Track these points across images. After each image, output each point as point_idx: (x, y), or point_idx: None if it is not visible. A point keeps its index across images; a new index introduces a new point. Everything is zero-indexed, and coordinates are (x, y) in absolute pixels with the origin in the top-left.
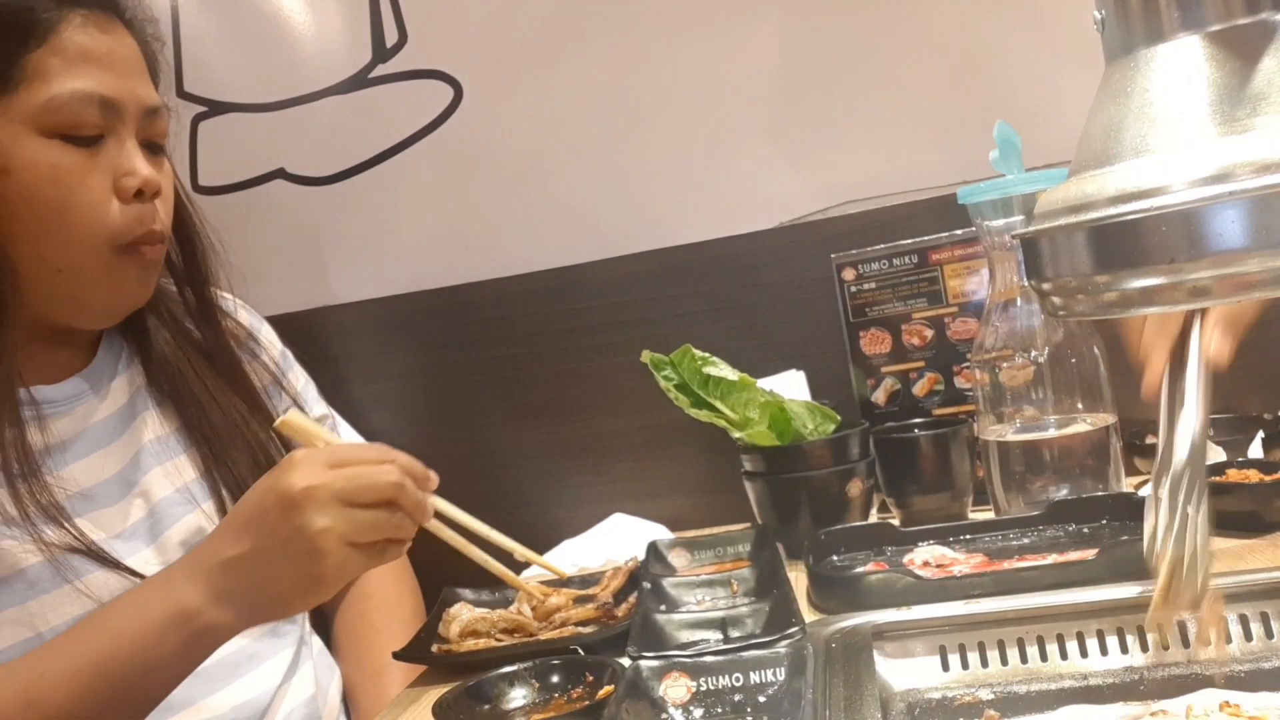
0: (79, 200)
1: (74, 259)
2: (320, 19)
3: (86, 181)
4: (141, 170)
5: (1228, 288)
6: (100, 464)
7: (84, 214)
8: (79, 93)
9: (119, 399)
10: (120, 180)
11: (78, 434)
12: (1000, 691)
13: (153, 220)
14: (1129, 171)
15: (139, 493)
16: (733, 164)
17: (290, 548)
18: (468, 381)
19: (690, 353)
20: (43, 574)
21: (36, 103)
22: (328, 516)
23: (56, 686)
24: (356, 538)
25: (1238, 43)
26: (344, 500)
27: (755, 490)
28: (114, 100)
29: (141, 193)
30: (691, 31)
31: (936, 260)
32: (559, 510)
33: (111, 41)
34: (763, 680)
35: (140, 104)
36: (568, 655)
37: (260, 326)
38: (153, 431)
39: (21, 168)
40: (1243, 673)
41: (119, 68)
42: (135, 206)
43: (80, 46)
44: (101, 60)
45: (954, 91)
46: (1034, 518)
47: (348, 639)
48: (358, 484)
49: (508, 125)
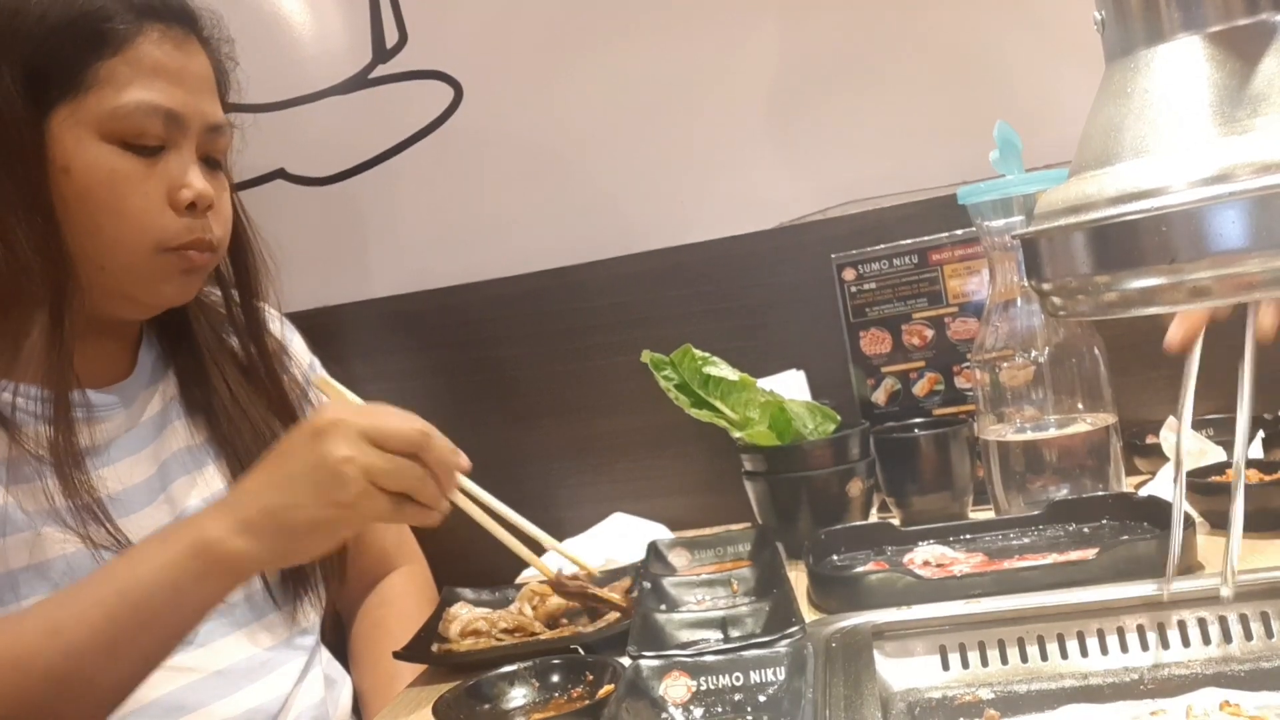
0: (132, 206)
1: (118, 259)
2: (320, 19)
3: (142, 189)
4: (196, 184)
5: (1228, 288)
6: (130, 470)
7: (135, 219)
8: (145, 104)
9: (152, 408)
10: (176, 192)
11: (111, 440)
12: (1000, 691)
13: (203, 231)
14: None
15: (165, 500)
16: (733, 164)
17: (313, 474)
18: (468, 381)
19: (690, 353)
20: (78, 563)
21: (104, 109)
22: (351, 447)
23: (81, 615)
24: (378, 477)
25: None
26: (369, 438)
27: (755, 490)
28: (178, 114)
29: (194, 205)
30: (691, 32)
31: (937, 260)
32: (559, 510)
33: (185, 58)
34: (763, 680)
35: (204, 120)
36: (568, 655)
37: (292, 338)
38: (182, 441)
39: (82, 169)
40: (1243, 672)
41: (188, 83)
42: (186, 217)
43: (153, 59)
44: (172, 75)
45: (954, 91)
46: (1034, 517)
47: (364, 645)
48: (384, 427)
49: (507, 126)
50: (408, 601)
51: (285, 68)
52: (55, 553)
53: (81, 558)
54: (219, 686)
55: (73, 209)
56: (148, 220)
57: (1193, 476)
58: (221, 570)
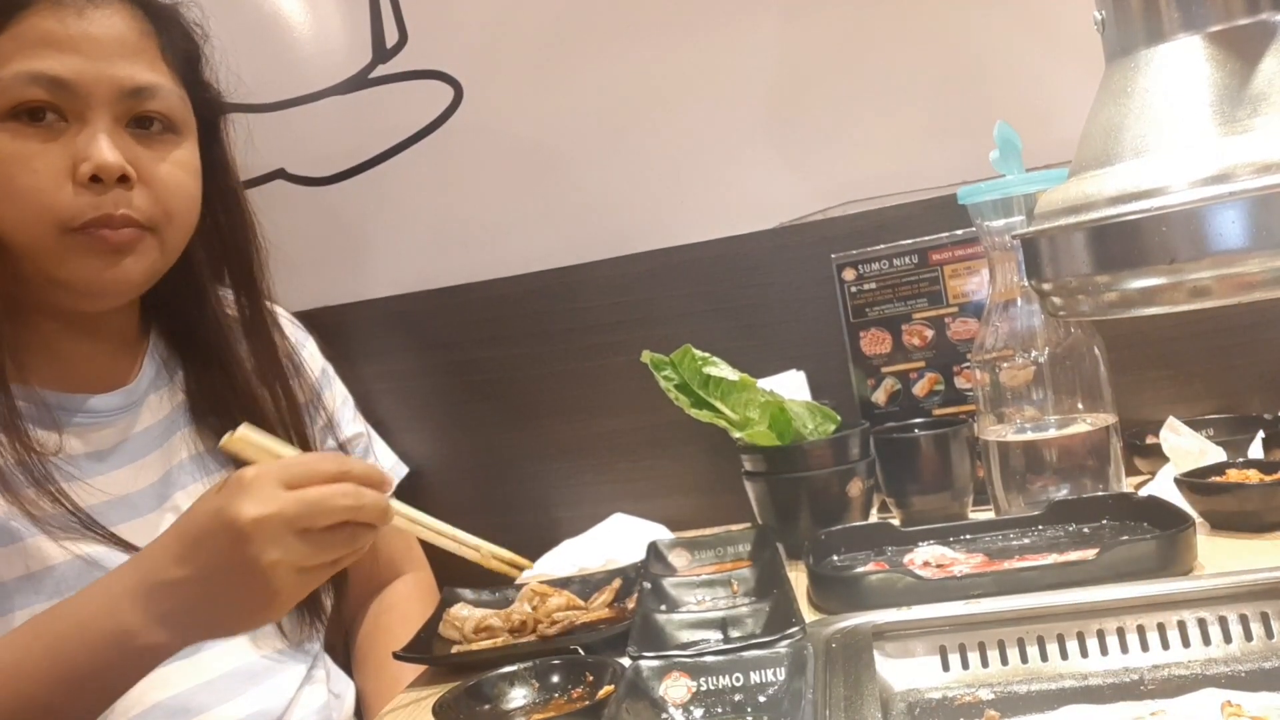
0: (21, 184)
1: (25, 242)
2: (320, 19)
3: (33, 165)
4: (100, 156)
5: (1228, 288)
6: (135, 475)
7: (27, 198)
8: (22, 73)
9: (159, 413)
10: (77, 166)
11: (117, 445)
12: (1000, 691)
13: (114, 206)
14: (1129, 172)
15: (170, 506)
16: (733, 164)
17: (239, 578)
18: (468, 381)
19: (690, 353)
20: (70, 573)
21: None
22: (280, 548)
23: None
24: (309, 562)
25: (1238, 43)
26: (297, 528)
27: (755, 490)
28: (68, 81)
29: (98, 178)
30: (691, 31)
31: (937, 260)
32: (559, 510)
33: (85, 22)
34: (763, 680)
35: (115, 85)
36: (568, 655)
37: (305, 341)
38: (189, 449)
39: None
40: (1244, 673)
41: (88, 49)
42: (92, 191)
43: (40, 30)
44: (64, 42)
45: (954, 91)
46: (1034, 518)
47: (368, 650)
48: (312, 509)
49: (508, 126)
50: (412, 606)
51: (285, 68)
52: (49, 561)
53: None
54: (222, 690)
55: None
56: (42, 199)
57: (1192, 477)
58: (143, 658)
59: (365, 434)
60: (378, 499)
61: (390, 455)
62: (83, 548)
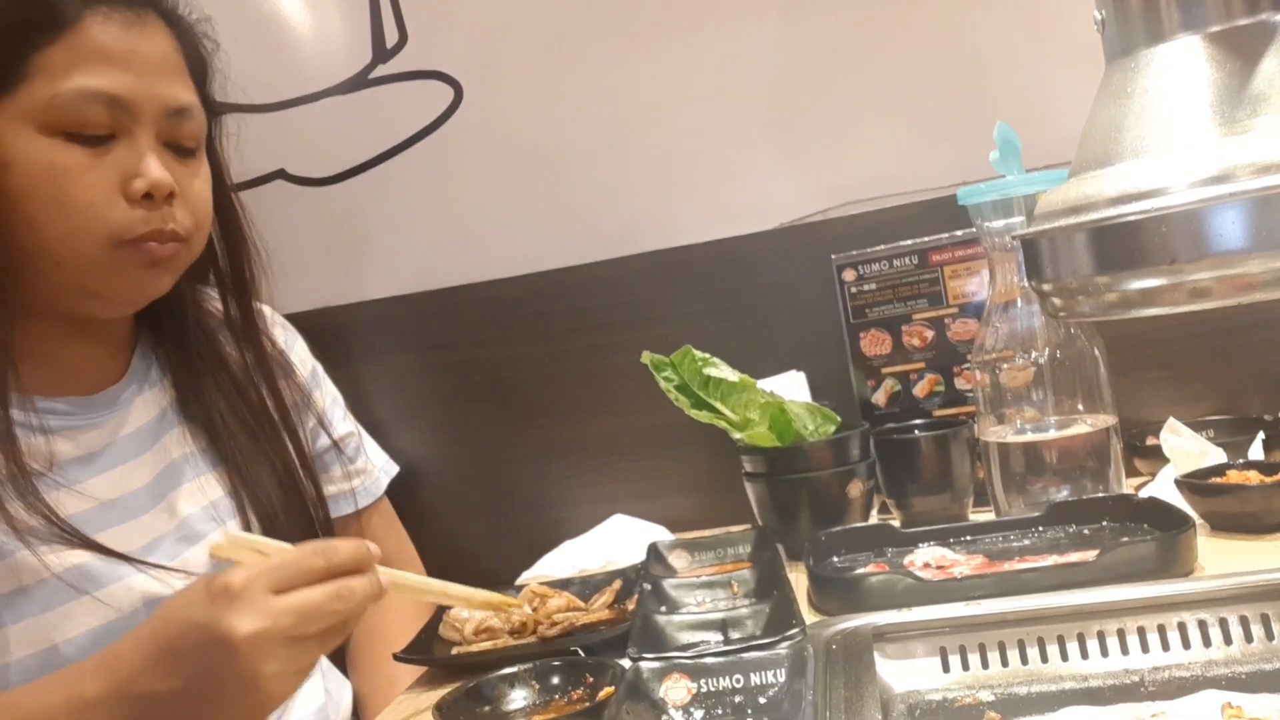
0: (76, 198)
1: (70, 253)
2: (320, 19)
3: (86, 180)
4: (151, 173)
5: (1228, 289)
6: (129, 476)
7: (80, 212)
8: (85, 90)
9: (149, 414)
10: (129, 182)
11: (106, 446)
12: (1001, 693)
13: (163, 221)
14: (1129, 172)
15: (165, 507)
16: (733, 164)
17: (232, 692)
18: (468, 381)
19: (690, 354)
20: (59, 586)
21: (42, 99)
22: (276, 661)
23: None
24: (303, 664)
25: (1238, 43)
26: (292, 638)
27: (756, 491)
28: (125, 99)
29: (150, 195)
30: (691, 32)
31: (937, 261)
32: (559, 510)
33: (135, 39)
34: (763, 681)
35: (162, 104)
36: (568, 657)
37: (294, 342)
38: (180, 448)
39: (21, 163)
40: (1244, 674)
41: (139, 66)
42: (143, 207)
43: (96, 44)
44: (118, 59)
45: (954, 92)
46: (1034, 519)
47: (363, 651)
48: (305, 618)
49: (507, 126)
50: (405, 606)
51: (285, 68)
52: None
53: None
54: None
55: (16, 205)
56: (96, 213)
57: (1192, 478)
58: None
59: (356, 433)
60: (368, 588)
61: (381, 454)
62: (71, 558)
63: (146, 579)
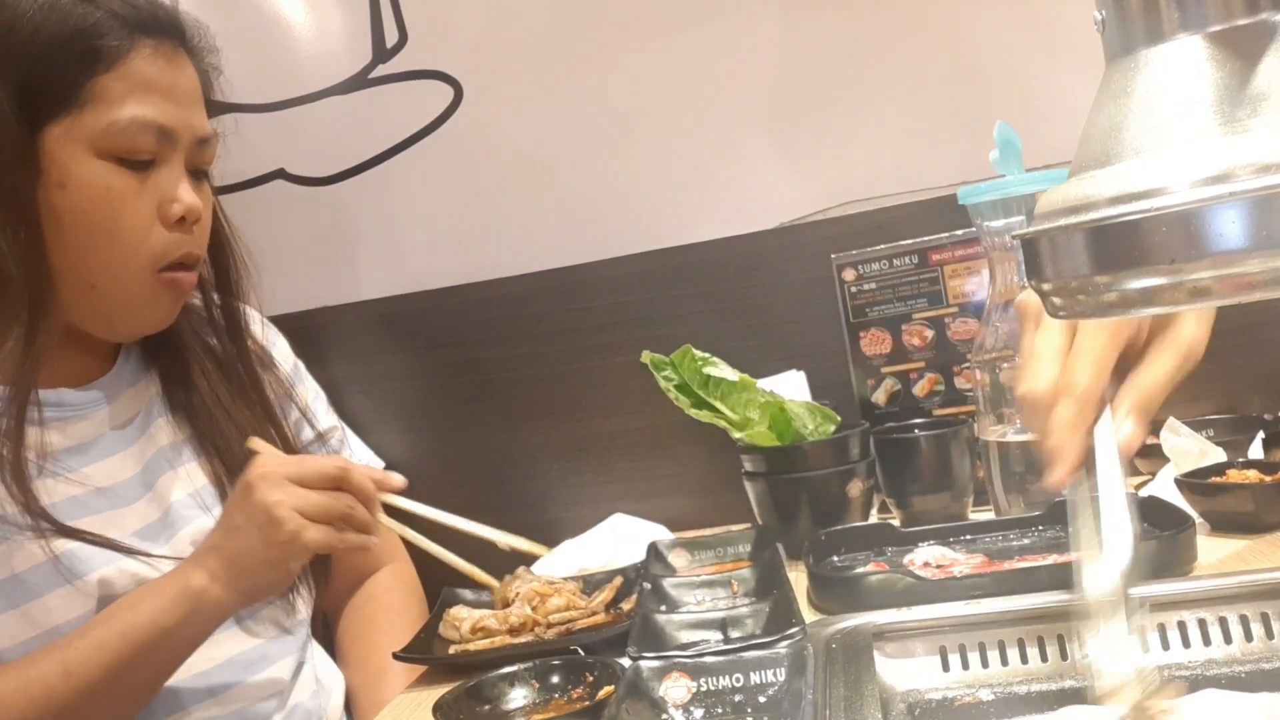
0: (126, 223)
1: (110, 278)
2: (320, 19)
3: (134, 205)
4: (186, 198)
5: (1228, 288)
6: (119, 465)
7: (128, 236)
8: (139, 120)
9: (136, 406)
10: (166, 207)
11: (96, 437)
12: (1001, 692)
13: (191, 245)
14: (1129, 172)
15: (153, 496)
16: (733, 164)
17: (253, 521)
18: (469, 382)
19: (690, 353)
20: (53, 573)
21: (99, 125)
22: (280, 491)
23: (88, 656)
24: (308, 511)
25: (1238, 43)
26: (294, 480)
27: (755, 491)
28: (170, 129)
29: (184, 219)
30: (691, 31)
31: (937, 261)
32: (559, 510)
33: (175, 72)
34: (763, 681)
35: (194, 133)
36: (568, 656)
37: (275, 340)
38: (166, 438)
39: (78, 185)
40: (1244, 673)
41: (179, 98)
42: (175, 232)
43: (145, 75)
44: (164, 90)
45: (954, 92)
46: (1034, 518)
47: (351, 641)
48: (305, 468)
49: (508, 126)
50: (394, 597)
51: (285, 68)
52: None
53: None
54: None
55: (67, 226)
56: (139, 237)
57: (1192, 478)
58: (202, 614)
59: (340, 428)
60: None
61: (366, 451)
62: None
63: (136, 564)
